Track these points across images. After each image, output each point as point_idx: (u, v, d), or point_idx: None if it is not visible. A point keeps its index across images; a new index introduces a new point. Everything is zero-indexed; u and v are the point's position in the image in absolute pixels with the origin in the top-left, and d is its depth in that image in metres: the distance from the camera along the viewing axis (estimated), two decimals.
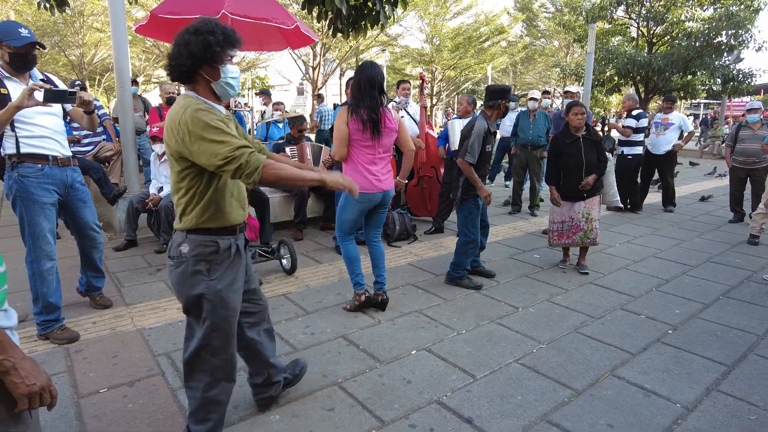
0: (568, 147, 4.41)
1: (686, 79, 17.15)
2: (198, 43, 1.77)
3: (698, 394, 2.63)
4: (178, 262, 1.90)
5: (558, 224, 4.57)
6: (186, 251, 1.87)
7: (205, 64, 1.82)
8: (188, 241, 1.88)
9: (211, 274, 1.89)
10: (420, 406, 2.45)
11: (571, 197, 4.48)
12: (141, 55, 24.99)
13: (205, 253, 1.88)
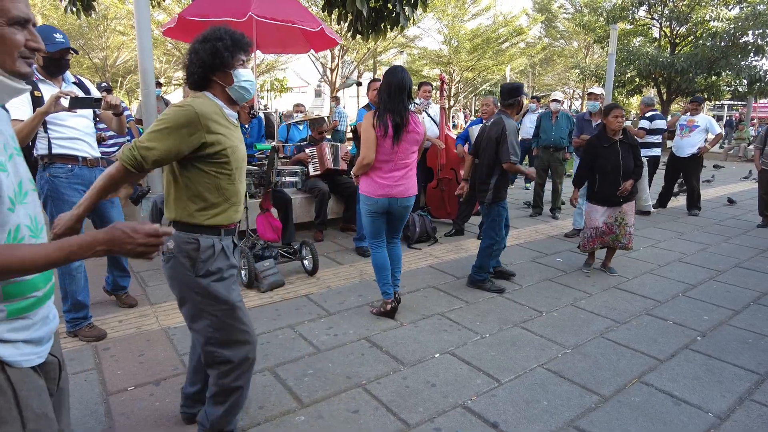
0: (605, 151, 4.28)
1: (710, 80, 16.84)
2: (207, 50, 1.82)
3: (731, 403, 2.56)
4: (167, 257, 1.93)
5: (591, 230, 4.46)
6: (171, 246, 1.90)
7: (217, 71, 1.86)
8: (173, 236, 1.89)
9: (196, 270, 1.89)
10: (445, 410, 2.43)
11: (608, 202, 4.36)
12: (162, 58, 25.39)
13: (187, 249, 1.89)
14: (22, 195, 1.13)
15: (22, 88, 1.11)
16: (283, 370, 2.78)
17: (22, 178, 1.14)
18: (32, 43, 1.09)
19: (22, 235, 1.12)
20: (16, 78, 1.09)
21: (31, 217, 1.16)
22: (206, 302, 1.92)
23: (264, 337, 3.18)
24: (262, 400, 2.49)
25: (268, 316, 3.50)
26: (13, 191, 1.09)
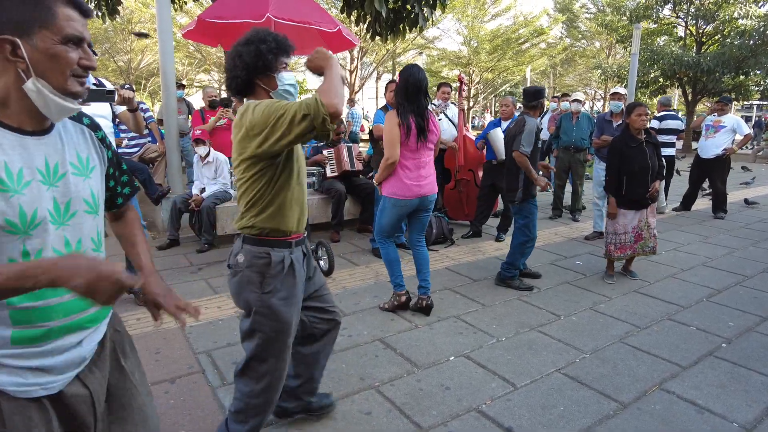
0: (632, 151, 4.12)
1: (738, 79, 16.41)
2: (250, 53, 1.79)
3: (758, 413, 2.47)
4: (234, 272, 1.91)
5: (622, 236, 4.23)
6: (241, 261, 1.88)
7: (260, 74, 1.83)
8: (243, 251, 1.88)
9: (264, 287, 1.87)
10: (458, 414, 2.40)
11: (636, 205, 4.19)
12: (184, 60, 25.82)
13: (258, 264, 1.87)
14: (67, 216, 1.11)
15: (73, 108, 1.08)
16: None
17: (72, 198, 1.12)
18: (85, 61, 1.07)
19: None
20: (68, 97, 1.06)
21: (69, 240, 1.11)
22: (265, 321, 1.90)
23: None
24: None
25: None
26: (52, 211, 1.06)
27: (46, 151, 1.09)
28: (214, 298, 3.85)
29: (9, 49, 0.99)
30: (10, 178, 1.01)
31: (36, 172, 1.05)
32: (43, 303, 1.07)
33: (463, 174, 6.23)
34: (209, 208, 4.98)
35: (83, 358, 1.18)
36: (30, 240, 1.03)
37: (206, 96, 6.49)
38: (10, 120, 1.04)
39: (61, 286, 0.93)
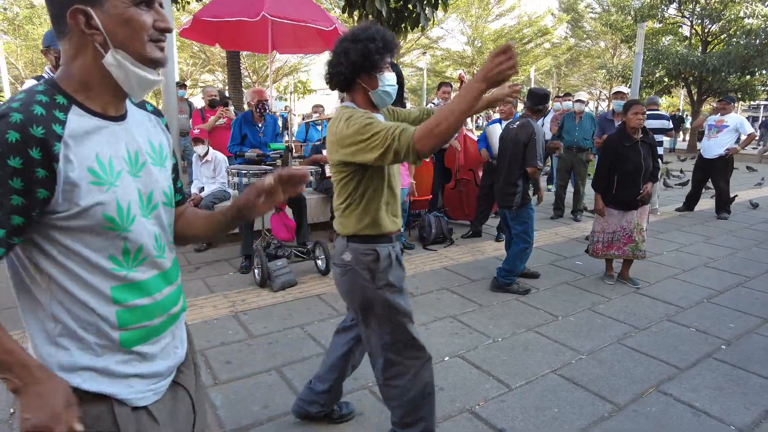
0: (627, 150, 4.03)
1: (744, 79, 16.28)
2: (358, 50, 1.75)
3: (755, 416, 2.43)
4: (344, 270, 1.91)
5: (608, 234, 4.19)
6: (349, 259, 1.89)
7: (363, 73, 1.80)
8: (350, 249, 1.89)
9: (377, 282, 1.87)
10: (451, 415, 2.38)
11: (627, 205, 4.11)
12: (189, 60, 25.89)
13: (366, 261, 1.88)
14: (149, 209, 1.03)
15: (155, 80, 0.97)
16: (290, 370, 2.77)
17: (153, 190, 1.04)
18: (160, 23, 0.95)
19: (145, 256, 1.01)
20: (148, 67, 0.96)
21: (157, 234, 1.04)
22: (389, 313, 1.91)
23: (273, 336, 3.17)
24: (266, 400, 2.48)
25: (278, 315, 3.49)
26: (130, 204, 0.97)
27: (126, 138, 1.00)
28: (210, 297, 3.84)
29: (83, 21, 0.89)
30: (103, 169, 0.93)
31: (123, 161, 0.97)
32: (150, 300, 1.03)
33: (464, 174, 6.20)
34: (208, 208, 4.97)
35: (181, 358, 1.15)
36: (129, 236, 0.97)
37: (206, 95, 6.49)
38: (94, 104, 0.96)
39: (17, 398, 0.89)
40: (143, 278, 1.02)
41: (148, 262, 1.03)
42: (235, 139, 4.63)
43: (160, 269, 1.06)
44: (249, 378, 2.69)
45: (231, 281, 4.18)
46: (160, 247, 1.05)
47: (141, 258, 1.01)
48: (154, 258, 1.04)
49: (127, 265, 0.99)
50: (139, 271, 1.01)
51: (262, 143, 4.56)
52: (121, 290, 0.99)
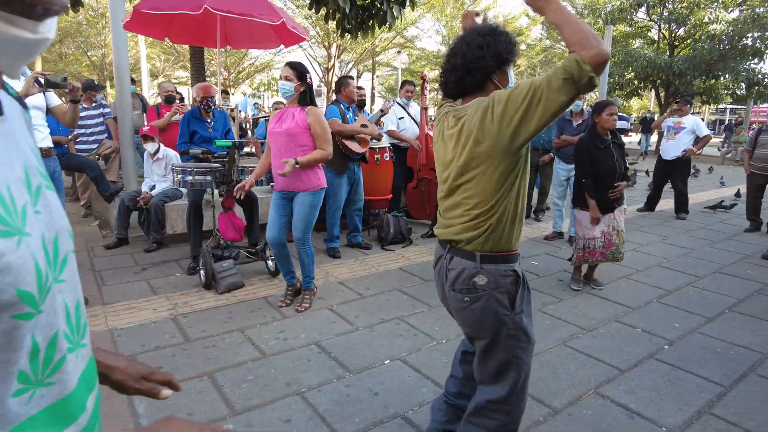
0: (601, 153, 3.91)
1: (709, 83, 16.67)
2: (503, 42, 1.63)
3: (688, 417, 2.43)
4: (476, 297, 1.68)
5: (590, 240, 4.05)
6: (483, 283, 1.66)
7: (499, 68, 1.67)
8: (484, 272, 1.66)
9: (516, 308, 1.68)
10: (382, 421, 2.31)
11: (605, 209, 3.99)
12: (161, 56, 25.36)
13: (506, 284, 1.67)
14: (58, 267, 0.59)
15: (37, 39, 0.52)
16: (222, 376, 2.66)
17: (59, 232, 0.60)
18: None
19: (61, 355, 0.57)
20: (21, 16, 0.49)
21: (69, 308, 0.61)
22: (519, 345, 1.72)
23: (210, 340, 3.06)
24: (192, 407, 2.38)
25: (219, 318, 3.38)
26: (44, 265, 0.54)
27: (15, 148, 0.56)
28: (152, 299, 3.70)
29: None
30: (4, 207, 0.50)
31: (23, 188, 0.55)
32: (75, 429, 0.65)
33: (425, 173, 6.15)
34: (158, 206, 4.82)
35: None
36: (40, 321, 0.54)
37: (163, 91, 6.30)
38: None
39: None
40: (62, 394, 0.58)
41: (61, 366, 0.58)
42: (184, 136, 4.48)
43: (78, 370, 0.63)
44: None
45: (176, 283, 4.04)
46: (76, 331, 0.62)
47: (55, 360, 0.57)
48: (67, 353, 0.59)
49: (36, 378, 0.54)
50: (54, 384, 0.56)
51: (212, 139, 4.42)
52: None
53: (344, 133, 4.73)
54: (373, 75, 29.20)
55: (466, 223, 1.66)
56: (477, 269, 1.66)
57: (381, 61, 27.84)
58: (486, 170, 1.60)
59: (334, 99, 4.99)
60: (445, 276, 1.74)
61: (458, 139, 1.65)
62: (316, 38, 21.22)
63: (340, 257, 4.82)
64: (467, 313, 1.71)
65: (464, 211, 1.67)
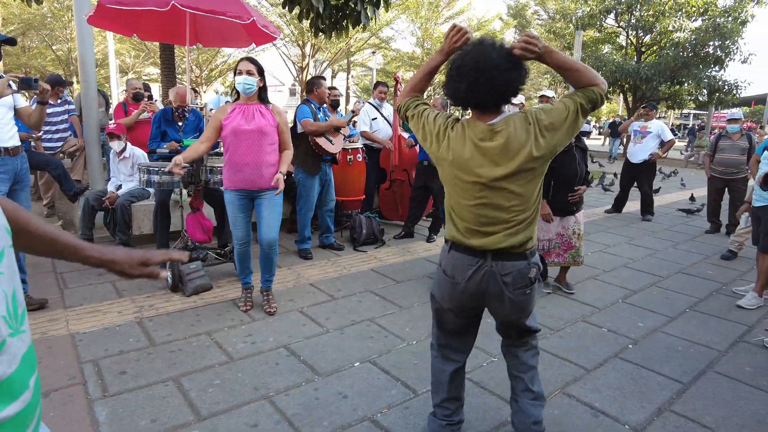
0: (563, 156, 3.86)
1: (674, 88, 17.19)
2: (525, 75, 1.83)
3: (649, 414, 2.49)
4: (532, 288, 1.92)
5: (545, 242, 4.08)
6: (534, 275, 1.90)
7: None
8: (532, 264, 1.91)
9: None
10: (351, 424, 2.29)
11: (563, 211, 4.01)
12: (131, 52, 24.74)
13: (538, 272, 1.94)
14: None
15: None
16: (188, 380, 2.61)
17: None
18: None
19: (1, 339, 0.65)
20: None
21: (7, 296, 0.69)
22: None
23: (176, 344, 2.99)
24: (156, 413, 2.32)
25: (186, 321, 3.31)
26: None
27: None
28: (116, 301, 3.60)
29: None
30: None
31: None
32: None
33: (398, 174, 6.16)
34: (124, 206, 4.69)
35: None
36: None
37: (131, 88, 6.15)
38: None
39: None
40: (5, 375, 0.65)
41: (2, 348, 0.65)
42: (155, 137, 4.39)
43: (21, 352, 0.70)
44: (142, 389, 2.51)
45: (142, 285, 3.94)
46: (14, 318, 0.69)
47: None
48: (7, 337, 0.66)
49: None
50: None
51: (179, 140, 4.34)
52: None
53: (318, 132, 4.70)
54: (348, 75, 29.14)
55: (513, 227, 1.84)
56: (529, 265, 1.88)
57: (356, 62, 27.80)
58: (534, 177, 1.82)
59: (305, 99, 4.95)
60: (502, 283, 1.87)
61: (505, 152, 1.78)
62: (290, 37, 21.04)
63: (311, 258, 4.78)
64: (526, 301, 1.93)
65: (510, 217, 1.83)
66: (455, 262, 1.91)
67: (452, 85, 1.82)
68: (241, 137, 3.26)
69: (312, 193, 4.82)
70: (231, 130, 3.26)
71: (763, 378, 2.89)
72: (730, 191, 6.40)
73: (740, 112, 6.55)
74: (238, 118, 3.27)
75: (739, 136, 6.22)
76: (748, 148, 6.12)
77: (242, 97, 3.32)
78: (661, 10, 16.78)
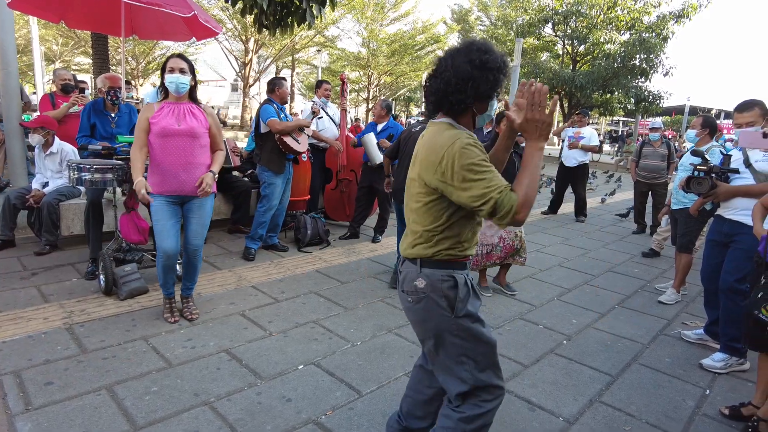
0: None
1: (605, 97, 18.23)
2: (488, 81, 1.61)
3: (581, 406, 2.64)
4: (417, 298, 1.73)
5: (487, 246, 4.15)
6: (422, 286, 1.70)
7: (482, 101, 1.65)
8: (423, 275, 1.71)
9: (456, 312, 1.69)
10: (295, 427, 2.27)
11: None
12: (58, 39, 23.19)
13: (443, 288, 1.70)
14: None
15: None
16: (123, 388, 2.49)
17: None
18: None
19: None
20: None
21: None
22: (468, 343, 1.73)
23: (110, 350, 2.85)
24: (87, 425, 2.19)
25: (121, 326, 3.15)
26: None
27: None
28: (42, 307, 3.37)
29: None
30: None
31: None
32: None
33: (345, 174, 6.16)
34: (51, 205, 4.40)
35: None
36: None
37: (59, 79, 5.75)
38: None
39: None
40: None
41: None
42: (84, 130, 4.13)
43: None
44: (71, 400, 2.37)
45: (72, 289, 3.72)
46: None
47: None
48: None
49: None
50: None
51: (115, 135, 4.12)
52: None
53: (285, 131, 4.64)
54: (292, 72, 28.74)
55: (418, 236, 1.76)
56: (417, 273, 1.75)
57: (301, 59, 27.47)
58: (423, 194, 1.72)
59: (267, 99, 4.87)
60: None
61: (423, 156, 1.68)
62: (233, 32, 20.48)
63: (253, 260, 4.68)
64: (412, 312, 1.81)
65: (421, 227, 1.75)
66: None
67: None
68: (171, 138, 3.03)
69: (276, 193, 4.76)
70: (160, 130, 3.01)
71: (680, 368, 3.14)
72: (652, 195, 6.87)
73: (660, 122, 7.04)
74: (168, 118, 3.04)
75: (660, 143, 6.69)
76: (667, 155, 6.60)
77: (171, 95, 3.11)
78: (593, 22, 17.76)
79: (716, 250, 3.29)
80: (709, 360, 3.17)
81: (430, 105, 1.72)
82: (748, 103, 3.16)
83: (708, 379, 3.01)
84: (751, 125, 3.09)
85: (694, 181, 3.02)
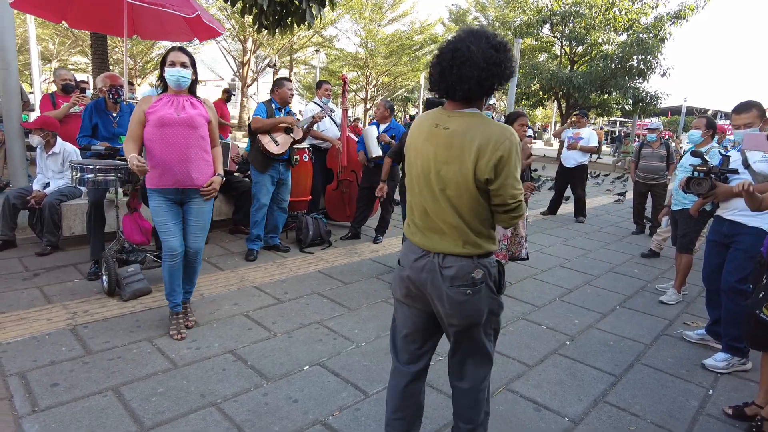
0: None
1: (603, 97, 18.28)
2: (511, 63, 1.64)
3: (586, 406, 2.65)
4: (476, 289, 1.76)
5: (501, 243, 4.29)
6: (480, 276, 1.76)
7: (501, 85, 1.68)
8: (480, 265, 1.77)
9: (501, 291, 1.86)
10: (302, 428, 2.28)
11: None
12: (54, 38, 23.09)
13: (494, 273, 1.83)
14: None
15: None
16: (129, 390, 2.48)
17: None
18: None
19: None
20: None
21: None
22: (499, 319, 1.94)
23: (115, 351, 2.84)
24: (93, 427, 2.19)
25: (125, 327, 3.15)
26: None
27: None
28: (45, 308, 3.36)
29: None
30: None
31: None
32: None
33: (347, 174, 6.16)
34: (53, 206, 4.39)
35: None
36: None
37: (59, 79, 5.73)
38: None
39: None
40: None
41: None
42: (85, 130, 4.12)
43: None
44: (77, 402, 2.37)
45: (75, 289, 3.71)
46: None
47: None
48: None
49: None
50: None
51: (117, 135, 4.11)
52: None
53: (262, 128, 4.63)
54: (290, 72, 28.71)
55: (474, 233, 1.80)
56: (474, 264, 1.81)
57: (299, 59, 27.45)
58: (478, 192, 1.77)
59: (268, 99, 4.88)
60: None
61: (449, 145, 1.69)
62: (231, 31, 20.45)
63: (255, 260, 4.68)
64: (469, 305, 1.84)
65: (479, 222, 1.79)
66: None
67: (432, 68, 1.74)
68: (169, 128, 2.89)
69: (263, 191, 4.73)
70: (157, 120, 2.87)
71: (682, 368, 3.16)
72: (652, 195, 6.89)
73: (658, 123, 7.06)
74: (166, 107, 2.91)
75: (659, 144, 6.71)
76: (666, 155, 6.63)
77: (171, 89, 3.00)
78: (591, 23, 17.80)
79: (716, 251, 3.32)
80: (712, 360, 3.19)
81: (460, 93, 1.65)
82: (746, 104, 3.19)
83: (711, 379, 3.03)
84: (749, 126, 3.13)
85: (693, 182, 3.03)
